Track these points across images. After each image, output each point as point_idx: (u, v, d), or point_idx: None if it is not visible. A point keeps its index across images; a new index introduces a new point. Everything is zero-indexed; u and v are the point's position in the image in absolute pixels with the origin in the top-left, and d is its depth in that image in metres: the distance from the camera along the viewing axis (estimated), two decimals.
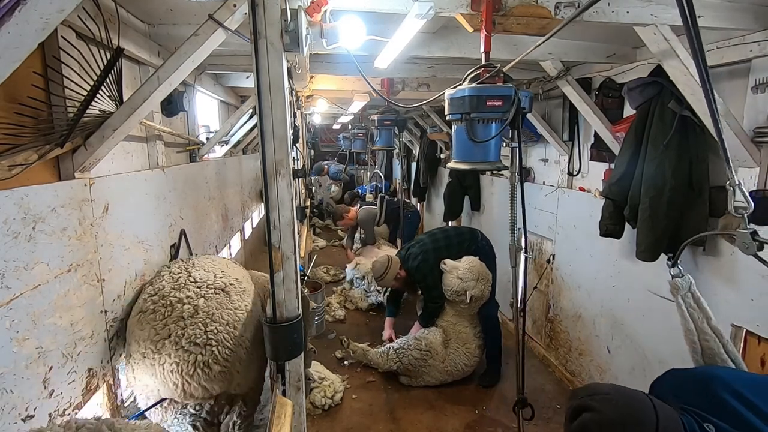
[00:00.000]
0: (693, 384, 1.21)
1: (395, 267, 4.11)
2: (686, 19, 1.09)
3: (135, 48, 2.22)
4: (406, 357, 3.93)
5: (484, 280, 3.87)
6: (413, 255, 4.07)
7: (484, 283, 3.85)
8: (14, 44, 1.11)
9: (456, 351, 3.98)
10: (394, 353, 3.99)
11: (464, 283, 3.78)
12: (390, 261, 4.13)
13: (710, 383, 1.16)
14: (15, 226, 1.37)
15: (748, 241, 1.19)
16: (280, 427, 1.34)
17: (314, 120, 9.23)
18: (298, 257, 1.61)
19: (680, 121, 2.53)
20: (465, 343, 4.00)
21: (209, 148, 3.70)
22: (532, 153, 4.86)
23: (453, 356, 3.96)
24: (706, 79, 1.13)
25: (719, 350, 1.45)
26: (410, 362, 3.91)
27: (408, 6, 1.90)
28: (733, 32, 2.32)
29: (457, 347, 3.98)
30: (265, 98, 1.38)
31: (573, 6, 1.95)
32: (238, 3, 1.68)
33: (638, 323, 3.29)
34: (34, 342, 1.44)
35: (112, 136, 1.75)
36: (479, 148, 1.97)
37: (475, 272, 3.82)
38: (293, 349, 1.59)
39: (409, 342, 4.00)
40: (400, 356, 3.95)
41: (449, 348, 3.98)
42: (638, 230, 2.76)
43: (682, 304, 1.51)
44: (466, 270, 3.82)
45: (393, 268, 4.10)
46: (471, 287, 3.77)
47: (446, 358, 3.95)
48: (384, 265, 4.10)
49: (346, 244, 7.17)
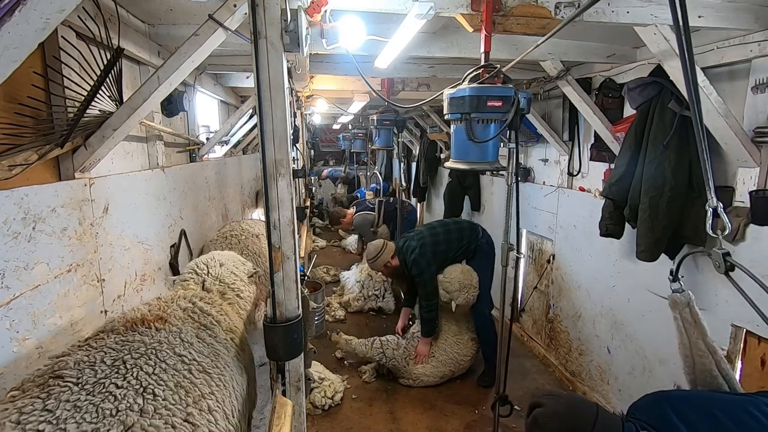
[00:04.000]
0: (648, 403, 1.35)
1: (388, 253, 4.01)
2: (677, 19, 1.12)
3: (135, 48, 2.22)
4: (389, 348, 3.96)
5: (468, 287, 3.88)
6: (411, 248, 3.95)
7: (468, 290, 3.87)
8: (14, 44, 1.11)
9: (447, 341, 4.01)
10: (378, 343, 4.01)
11: (449, 294, 3.86)
12: (384, 246, 4.04)
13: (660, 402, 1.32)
14: (15, 226, 1.37)
15: (720, 261, 1.25)
16: (280, 427, 1.34)
17: (314, 120, 9.22)
18: (298, 257, 1.60)
19: (680, 121, 2.53)
20: (456, 335, 4.04)
21: (209, 148, 3.70)
22: (532, 153, 4.86)
23: (444, 346, 4.00)
24: (690, 81, 1.17)
25: (711, 367, 1.46)
26: (393, 355, 3.94)
27: (408, 6, 1.90)
28: (733, 32, 2.32)
29: (447, 337, 4.03)
30: (265, 98, 1.38)
31: (573, 6, 1.95)
32: (238, 3, 1.68)
33: (638, 323, 3.29)
34: (34, 342, 1.44)
35: (112, 136, 1.76)
36: (478, 148, 1.97)
37: (456, 283, 3.85)
38: (293, 349, 1.59)
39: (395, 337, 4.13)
40: (384, 348, 3.97)
41: (439, 339, 4.03)
42: (638, 230, 2.76)
43: (679, 319, 1.52)
44: (447, 283, 3.87)
45: (386, 254, 4.00)
46: (456, 297, 3.84)
47: (436, 350, 3.99)
48: (378, 248, 4.01)
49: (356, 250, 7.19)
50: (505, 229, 2.52)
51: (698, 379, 1.49)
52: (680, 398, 1.32)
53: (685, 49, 1.14)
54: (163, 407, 1.10)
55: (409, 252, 3.95)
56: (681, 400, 1.31)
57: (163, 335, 1.32)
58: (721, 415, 1.21)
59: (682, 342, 1.52)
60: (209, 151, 3.78)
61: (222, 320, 1.62)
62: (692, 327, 1.49)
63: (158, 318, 1.41)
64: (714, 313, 2.58)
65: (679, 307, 1.51)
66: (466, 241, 4.07)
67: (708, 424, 1.21)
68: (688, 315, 1.50)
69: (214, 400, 1.23)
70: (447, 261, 4.02)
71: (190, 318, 1.50)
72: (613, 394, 3.58)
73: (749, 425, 1.18)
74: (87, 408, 1.02)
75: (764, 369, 2.35)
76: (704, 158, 1.23)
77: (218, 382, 1.30)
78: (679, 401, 1.29)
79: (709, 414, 1.23)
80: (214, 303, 1.72)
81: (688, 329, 1.50)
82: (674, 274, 1.54)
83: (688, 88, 1.18)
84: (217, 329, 1.53)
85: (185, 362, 1.26)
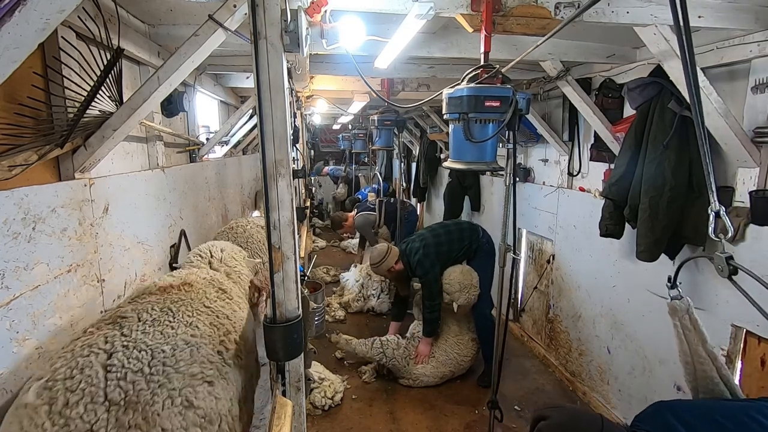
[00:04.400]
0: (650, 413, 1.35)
1: (392, 258, 4.02)
2: (677, 19, 1.12)
3: (135, 48, 2.22)
4: (389, 348, 3.96)
5: (469, 287, 3.91)
6: (414, 249, 3.98)
7: (468, 290, 3.90)
8: (14, 44, 1.11)
9: (447, 341, 4.03)
10: (378, 343, 4.01)
11: (450, 296, 3.88)
12: (389, 250, 4.04)
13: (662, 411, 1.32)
14: (15, 227, 1.37)
15: (724, 265, 1.24)
16: (280, 427, 1.34)
17: (314, 120, 9.22)
18: (298, 257, 1.60)
19: (680, 121, 2.53)
20: (456, 335, 4.05)
21: (209, 149, 3.70)
22: (532, 153, 4.86)
23: (444, 346, 4.01)
24: (691, 81, 1.17)
25: (712, 373, 1.46)
26: (393, 354, 3.94)
27: (408, 6, 1.90)
28: (733, 32, 2.32)
29: (447, 338, 4.04)
30: (265, 98, 1.38)
31: (573, 6, 1.95)
32: (238, 3, 1.68)
33: (638, 323, 3.29)
34: (34, 342, 1.44)
35: (112, 137, 1.76)
36: (476, 149, 1.97)
37: (456, 284, 3.87)
38: (293, 349, 1.59)
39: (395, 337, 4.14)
40: (384, 347, 3.97)
41: (440, 339, 4.04)
42: (638, 230, 2.76)
43: (678, 326, 1.52)
44: (447, 285, 3.90)
45: (390, 259, 4.01)
46: (457, 298, 3.86)
47: (437, 350, 3.99)
48: (382, 253, 4.01)
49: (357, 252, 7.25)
50: (503, 230, 2.52)
51: (700, 386, 1.49)
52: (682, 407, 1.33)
53: (685, 49, 1.14)
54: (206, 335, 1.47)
55: (413, 253, 3.98)
56: (683, 408, 1.31)
57: (193, 294, 1.64)
58: (724, 421, 1.22)
59: (682, 349, 1.52)
60: (209, 152, 3.78)
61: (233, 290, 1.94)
62: (692, 333, 1.49)
63: (185, 283, 1.71)
64: (714, 314, 2.58)
65: (679, 313, 1.52)
66: (467, 241, 4.10)
67: (711, 429, 1.21)
68: (687, 322, 1.51)
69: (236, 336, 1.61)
70: (450, 261, 4.04)
71: (210, 285, 1.80)
72: (613, 394, 3.58)
73: (753, 428, 1.18)
74: (153, 333, 1.35)
75: (764, 369, 2.35)
76: (706, 161, 1.22)
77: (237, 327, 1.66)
78: (681, 409, 1.29)
79: (711, 419, 1.23)
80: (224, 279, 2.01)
81: (688, 336, 1.50)
82: (672, 281, 1.55)
83: (689, 88, 1.18)
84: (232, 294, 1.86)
85: (213, 311, 1.61)
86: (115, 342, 1.28)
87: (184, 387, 1.27)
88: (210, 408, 1.30)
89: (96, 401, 1.13)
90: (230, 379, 1.45)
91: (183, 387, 1.26)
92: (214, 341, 1.47)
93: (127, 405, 1.15)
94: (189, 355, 1.35)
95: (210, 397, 1.31)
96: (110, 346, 1.26)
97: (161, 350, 1.31)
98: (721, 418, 1.22)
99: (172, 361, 1.30)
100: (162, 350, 1.31)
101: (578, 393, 3.97)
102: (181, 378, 1.28)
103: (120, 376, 1.19)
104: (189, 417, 1.23)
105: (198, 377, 1.32)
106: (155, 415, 1.17)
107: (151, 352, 1.29)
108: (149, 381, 1.22)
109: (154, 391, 1.20)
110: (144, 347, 1.29)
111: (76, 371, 1.17)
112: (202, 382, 1.32)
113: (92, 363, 1.20)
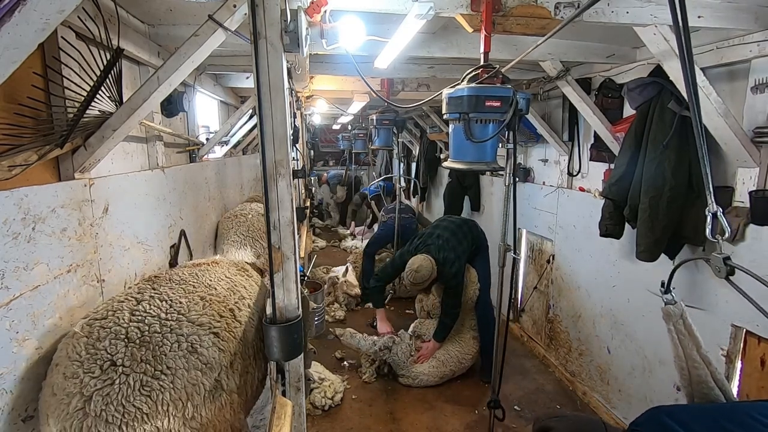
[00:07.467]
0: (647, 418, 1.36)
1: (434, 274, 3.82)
2: (676, 19, 1.12)
3: (135, 48, 2.22)
4: (395, 345, 3.99)
5: (470, 283, 4.00)
6: (450, 261, 3.82)
7: (470, 284, 4.00)
8: (14, 45, 1.11)
9: (449, 340, 4.05)
10: (390, 340, 4.03)
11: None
12: (432, 266, 3.79)
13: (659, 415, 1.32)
14: (15, 227, 1.37)
15: (721, 266, 1.25)
16: (280, 427, 1.34)
17: (314, 120, 9.22)
18: (298, 257, 1.61)
19: (680, 121, 2.53)
20: (458, 333, 4.09)
21: (209, 149, 3.70)
22: (532, 153, 4.86)
23: (445, 345, 4.04)
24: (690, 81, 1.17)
25: (707, 378, 1.46)
26: (396, 352, 3.96)
27: (408, 6, 1.90)
28: (733, 32, 2.32)
29: (450, 336, 4.06)
30: (265, 99, 1.38)
31: (573, 6, 1.95)
32: (238, 3, 1.68)
33: (638, 323, 3.29)
34: (34, 342, 1.44)
35: (111, 137, 1.75)
36: (476, 148, 1.97)
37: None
38: (293, 349, 1.59)
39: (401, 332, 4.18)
40: (389, 344, 3.99)
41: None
42: (638, 230, 2.76)
43: (673, 331, 1.52)
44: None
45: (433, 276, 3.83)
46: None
47: (438, 349, 4.02)
48: (430, 271, 3.76)
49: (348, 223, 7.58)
50: (503, 230, 2.52)
51: (695, 391, 1.49)
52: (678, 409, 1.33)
53: (684, 49, 1.14)
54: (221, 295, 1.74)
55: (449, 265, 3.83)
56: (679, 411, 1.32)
57: (218, 268, 1.98)
58: (724, 421, 1.21)
59: (677, 354, 1.53)
60: (209, 152, 3.78)
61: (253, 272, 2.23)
62: (686, 338, 1.50)
63: (213, 262, 2.08)
64: (714, 313, 2.58)
65: (673, 318, 1.52)
66: (470, 236, 4.17)
67: (711, 428, 1.21)
68: (681, 326, 1.51)
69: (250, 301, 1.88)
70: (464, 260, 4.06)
71: (234, 265, 2.12)
72: (613, 394, 3.58)
73: (755, 428, 1.18)
74: (177, 290, 1.66)
75: (764, 369, 2.35)
76: (704, 162, 1.22)
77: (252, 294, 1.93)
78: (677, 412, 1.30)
79: (710, 419, 1.24)
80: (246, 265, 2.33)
81: (683, 341, 1.50)
82: (666, 286, 1.55)
83: (687, 88, 1.18)
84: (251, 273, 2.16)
85: (232, 280, 1.91)
86: (145, 293, 1.59)
87: (191, 334, 1.48)
88: (212, 357, 1.49)
89: (119, 338, 1.39)
90: (237, 335, 1.65)
91: (191, 334, 1.48)
92: (228, 301, 1.72)
93: (141, 343, 1.40)
94: (201, 308, 1.60)
95: (214, 348, 1.51)
96: (140, 296, 1.57)
97: (179, 302, 1.58)
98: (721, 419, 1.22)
99: (185, 310, 1.56)
100: (180, 302, 1.58)
101: (578, 393, 3.97)
102: (190, 326, 1.51)
103: (140, 319, 1.46)
104: (191, 361, 1.44)
105: (205, 327, 1.54)
106: (162, 355, 1.40)
107: (170, 303, 1.57)
108: (163, 325, 1.47)
109: (165, 334, 1.44)
110: (166, 298, 1.58)
111: (110, 313, 1.48)
112: (208, 332, 1.53)
113: (123, 308, 1.50)
